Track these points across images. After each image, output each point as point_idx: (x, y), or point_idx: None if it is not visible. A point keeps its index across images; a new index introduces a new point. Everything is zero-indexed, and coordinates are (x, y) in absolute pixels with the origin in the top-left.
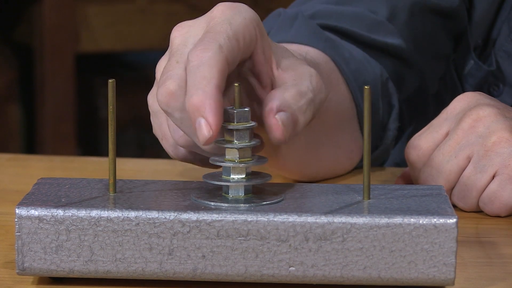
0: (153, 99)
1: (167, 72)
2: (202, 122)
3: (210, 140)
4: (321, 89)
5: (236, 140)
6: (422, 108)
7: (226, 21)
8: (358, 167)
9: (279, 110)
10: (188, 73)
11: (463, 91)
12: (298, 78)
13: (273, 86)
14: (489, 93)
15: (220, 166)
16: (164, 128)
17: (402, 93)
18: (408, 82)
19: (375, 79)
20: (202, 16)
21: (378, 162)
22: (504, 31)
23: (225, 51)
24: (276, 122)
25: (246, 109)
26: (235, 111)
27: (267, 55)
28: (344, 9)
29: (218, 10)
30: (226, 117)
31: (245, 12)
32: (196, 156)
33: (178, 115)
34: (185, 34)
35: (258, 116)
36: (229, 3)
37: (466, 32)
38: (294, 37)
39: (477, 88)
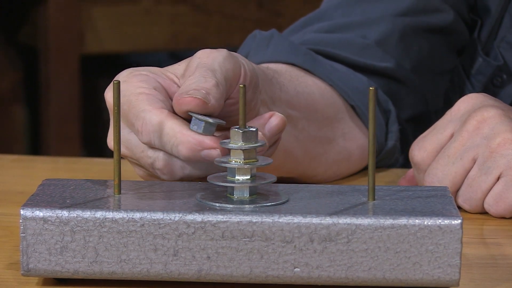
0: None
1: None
2: (204, 153)
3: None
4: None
5: (242, 141)
6: (426, 127)
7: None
8: (364, 168)
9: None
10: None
11: (473, 89)
12: None
13: None
14: (493, 84)
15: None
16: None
17: (402, 112)
18: (406, 100)
19: (363, 86)
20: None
21: (384, 164)
22: (506, 22)
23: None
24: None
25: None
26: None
27: None
28: (332, 36)
29: None
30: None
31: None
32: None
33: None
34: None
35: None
36: None
37: (471, 41)
38: (272, 55)
39: (486, 84)
